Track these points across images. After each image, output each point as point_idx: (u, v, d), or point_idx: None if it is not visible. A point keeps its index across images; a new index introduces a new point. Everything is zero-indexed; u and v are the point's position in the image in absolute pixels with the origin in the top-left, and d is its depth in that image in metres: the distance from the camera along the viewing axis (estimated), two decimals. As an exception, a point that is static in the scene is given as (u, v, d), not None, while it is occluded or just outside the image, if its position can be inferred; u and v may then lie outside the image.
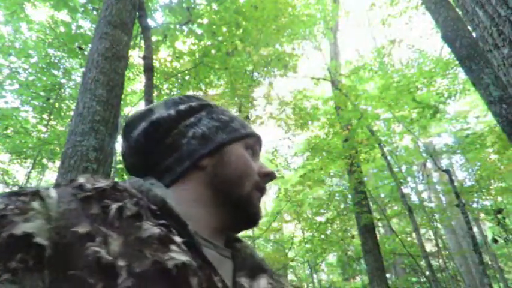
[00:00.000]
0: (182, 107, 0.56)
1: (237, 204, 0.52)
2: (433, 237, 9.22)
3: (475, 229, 11.06)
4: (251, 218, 0.54)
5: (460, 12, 4.23)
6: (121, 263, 0.31)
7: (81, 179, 0.40)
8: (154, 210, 0.41)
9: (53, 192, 0.36)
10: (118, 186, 0.41)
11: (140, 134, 0.53)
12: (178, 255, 0.35)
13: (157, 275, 0.33)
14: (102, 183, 0.40)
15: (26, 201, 0.33)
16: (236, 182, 0.52)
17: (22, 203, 0.33)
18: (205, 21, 5.51)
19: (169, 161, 0.52)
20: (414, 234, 6.89)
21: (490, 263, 11.22)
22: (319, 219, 9.20)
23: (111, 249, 0.32)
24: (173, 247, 0.36)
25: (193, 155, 0.52)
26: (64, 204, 0.35)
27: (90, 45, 3.04)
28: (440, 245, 9.98)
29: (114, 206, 0.37)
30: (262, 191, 0.55)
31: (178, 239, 0.38)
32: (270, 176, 0.56)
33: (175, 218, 0.42)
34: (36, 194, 0.35)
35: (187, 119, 0.55)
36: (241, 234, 0.65)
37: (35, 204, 0.33)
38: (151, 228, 0.36)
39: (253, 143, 0.58)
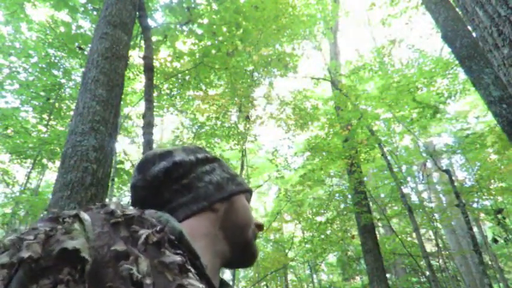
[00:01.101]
0: (200, 155, 0.65)
1: (243, 247, 0.63)
2: (433, 237, 9.22)
3: (475, 229, 11.06)
4: (250, 259, 0.65)
5: (460, 12, 4.23)
6: (148, 281, 0.36)
7: (112, 206, 0.45)
8: (172, 240, 0.45)
9: (87, 216, 0.41)
10: (143, 215, 0.46)
11: (161, 171, 0.60)
12: (195, 282, 0.40)
13: None
14: (131, 211, 0.45)
15: (70, 222, 0.38)
16: (243, 228, 0.63)
17: (67, 224, 0.37)
18: (205, 21, 5.51)
19: (183, 199, 0.60)
20: (414, 234, 6.89)
21: (490, 263, 11.21)
22: (319, 219, 9.19)
23: (141, 269, 0.37)
24: (190, 275, 0.41)
25: (210, 198, 0.61)
26: (98, 227, 0.40)
27: (90, 45, 3.04)
28: (440, 245, 9.98)
29: (143, 232, 0.41)
30: (256, 238, 0.68)
31: (192, 269, 0.44)
32: (261, 228, 0.68)
33: (191, 250, 0.47)
34: (76, 216, 0.39)
35: (203, 166, 0.64)
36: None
37: (76, 226, 0.38)
38: (173, 256, 0.42)
39: (250, 197, 0.70)
